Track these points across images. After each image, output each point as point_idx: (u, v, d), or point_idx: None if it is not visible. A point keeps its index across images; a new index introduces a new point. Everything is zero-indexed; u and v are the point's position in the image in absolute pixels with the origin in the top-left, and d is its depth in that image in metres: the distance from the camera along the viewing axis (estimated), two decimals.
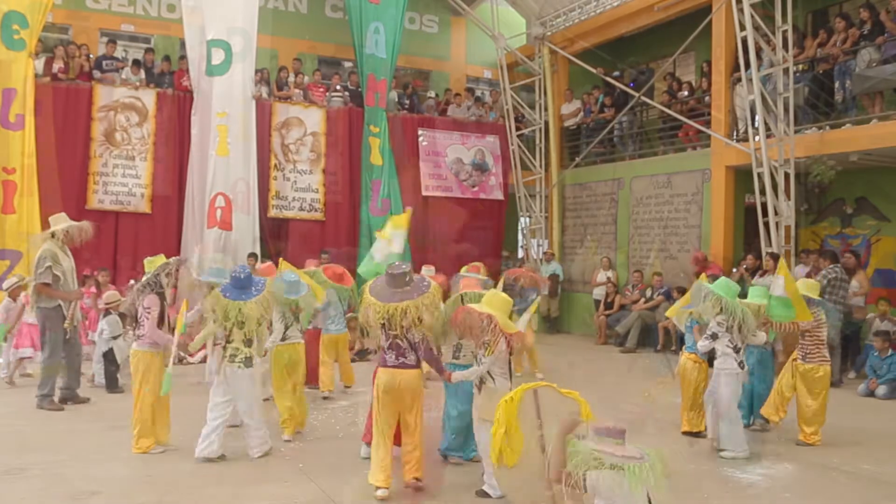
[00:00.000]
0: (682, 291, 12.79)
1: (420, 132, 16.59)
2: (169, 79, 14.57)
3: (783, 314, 6.69)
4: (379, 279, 5.70)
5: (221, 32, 14.24)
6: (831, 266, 10.64)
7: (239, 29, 14.36)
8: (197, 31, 14.19)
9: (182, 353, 8.36)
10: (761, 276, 11.48)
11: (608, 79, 16.00)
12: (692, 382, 7.26)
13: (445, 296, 6.36)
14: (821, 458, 6.70)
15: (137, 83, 14.19)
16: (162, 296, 6.82)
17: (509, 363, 5.42)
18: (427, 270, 8.35)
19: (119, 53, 15.17)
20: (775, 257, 11.32)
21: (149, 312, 6.63)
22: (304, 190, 15.26)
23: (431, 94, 18.22)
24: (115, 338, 9.53)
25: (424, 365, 5.55)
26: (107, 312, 9.77)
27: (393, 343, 5.39)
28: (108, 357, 9.49)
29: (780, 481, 6.05)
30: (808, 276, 10.68)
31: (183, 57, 14.70)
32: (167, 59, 14.97)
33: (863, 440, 7.47)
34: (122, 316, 9.77)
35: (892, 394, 9.48)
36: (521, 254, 18.09)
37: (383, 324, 5.38)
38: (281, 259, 7.92)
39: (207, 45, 14.20)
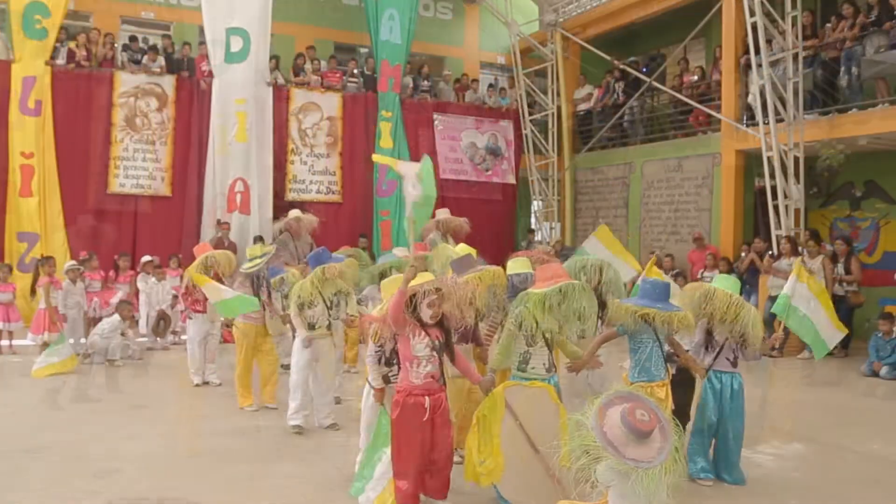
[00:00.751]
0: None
1: (435, 117, 16.82)
2: (189, 63, 14.79)
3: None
4: None
5: (239, 20, 14.50)
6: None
7: (256, 16, 14.61)
8: (215, 19, 14.45)
9: None
10: (776, 259, 11.66)
11: (621, 64, 16.10)
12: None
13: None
14: (830, 437, 6.74)
15: (158, 69, 14.44)
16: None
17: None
18: (400, 251, 8.38)
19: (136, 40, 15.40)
20: (775, 258, 11.58)
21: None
22: (321, 173, 15.54)
23: (447, 71, 18.35)
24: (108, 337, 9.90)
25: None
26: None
27: None
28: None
29: (790, 461, 6.09)
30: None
31: (203, 42, 14.96)
32: (170, 58, 14.93)
33: (871, 420, 7.53)
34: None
35: (895, 374, 9.65)
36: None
37: None
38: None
39: (226, 33, 14.46)
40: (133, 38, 15.02)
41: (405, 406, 4.55)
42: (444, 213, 9.01)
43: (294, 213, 11.05)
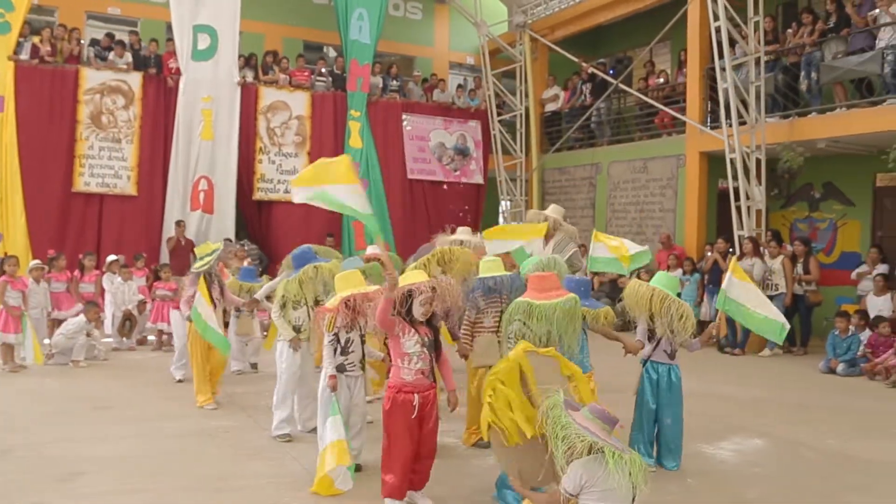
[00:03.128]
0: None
1: (404, 117, 16.86)
2: (156, 59, 14.64)
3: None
4: None
5: (207, 17, 14.42)
6: None
7: (225, 14, 14.55)
8: (183, 16, 14.35)
9: None
10: (738, 259, 11.90)
11: (589, 67, 16.25)
12: None
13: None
14: (789, 433, 6.94)
15: (125, 66, 14.27)
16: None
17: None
18: (372, 249, 8.39)
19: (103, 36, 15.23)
20: (738, 258, 11.85)
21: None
22: (289, 173, 15.49)
23: (417, 71, 18.42)
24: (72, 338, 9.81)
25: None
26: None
27: None
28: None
29: (750, 456, 6.26)
30: None
31: (170, 39, 14.83)
32: (136, 55, 14.76)
33: (828, 416, 7.76)
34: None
35: (850, 371, 9.96)
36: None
37: None
38: None
39: (193, 30, 14.37)
40: (109, 35, 14.78)
41: (395, 402, 4.67)
42: (557, 212, 8.37)
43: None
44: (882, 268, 10.88)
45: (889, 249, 11.36)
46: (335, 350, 5.38)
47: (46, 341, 10.35)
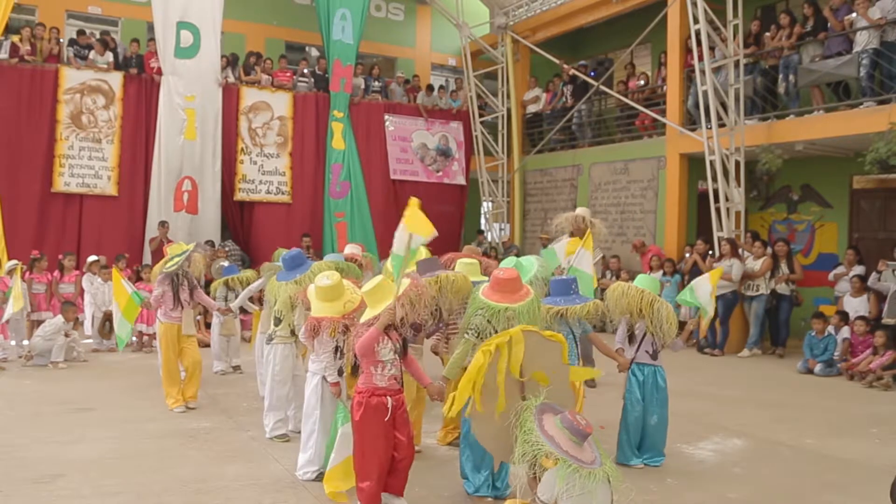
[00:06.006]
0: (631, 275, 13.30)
1: (386, 118, 16.85)
2: (137, 59, 14.53)
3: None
4: None
5: (191, 14, 14.34)
6: None
7: (208, 12, 14.47)
8: (166, 13, 14.26)
9: None
10: (717, 260, 12.02)
11: (571, 68, 16.33)
12: None
13: None
14: (768, 433, 7.05)
15: (105, 66, 14.14)
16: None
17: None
18: (351, 248, 8.36)
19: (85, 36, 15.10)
20: (715, 259, 11.95)
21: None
22: (271, 173, 15.43)
23: (400, 72, 18.43)
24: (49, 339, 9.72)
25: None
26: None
27: None
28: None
29: (730, 456, 6.33)
30: None
31: (151, 39, 14.73)
32: (117, 54, 14.64)
33: (806, 416, 7.87)
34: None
35: (828, 371, 10.09)
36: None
37: None
38: None
39: (177, 27, 14.28)
40: (81, 33, 14.60)
41: (368, 406, 4.60)
42: (586, 213, 8.40)
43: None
44: (858, 269, 11.01)
45: (865, 251, 11.50)
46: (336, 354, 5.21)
47: (25, 342, 10.27)
